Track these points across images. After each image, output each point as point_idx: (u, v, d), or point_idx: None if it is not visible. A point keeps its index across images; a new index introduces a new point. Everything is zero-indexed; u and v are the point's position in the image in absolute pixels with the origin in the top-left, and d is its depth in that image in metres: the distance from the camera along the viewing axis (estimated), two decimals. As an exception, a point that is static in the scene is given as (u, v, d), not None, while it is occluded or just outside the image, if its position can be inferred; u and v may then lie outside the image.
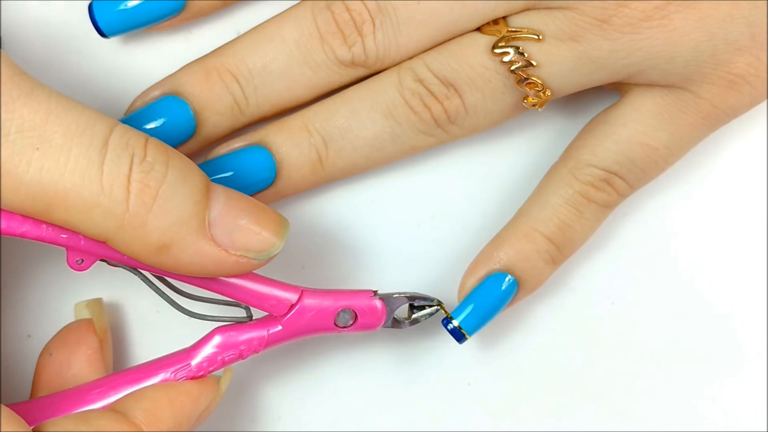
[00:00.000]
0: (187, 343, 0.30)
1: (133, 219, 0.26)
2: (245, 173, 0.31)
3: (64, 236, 0.27)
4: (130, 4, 0.31)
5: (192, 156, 0.32)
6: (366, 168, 0.32)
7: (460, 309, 0.32)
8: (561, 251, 0.32)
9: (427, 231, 0.34)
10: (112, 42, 0.34)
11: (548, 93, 0.31)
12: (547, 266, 0.32)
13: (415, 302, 0.32)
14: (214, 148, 0.32)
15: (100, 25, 0.31)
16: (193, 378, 0.29)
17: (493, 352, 0.34)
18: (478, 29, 0.31)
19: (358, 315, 0.30)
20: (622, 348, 0.35)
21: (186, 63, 0.32)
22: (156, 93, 0.32)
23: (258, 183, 0.31)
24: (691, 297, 0.35)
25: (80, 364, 0.31)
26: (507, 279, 0.32)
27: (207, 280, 0.28)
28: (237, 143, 0.32)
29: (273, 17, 0.32)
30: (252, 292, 0.29)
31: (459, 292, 0.32)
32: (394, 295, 0.31)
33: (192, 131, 0.31)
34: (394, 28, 0.30)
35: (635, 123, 0.31)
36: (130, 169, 0.26)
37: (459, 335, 0.32)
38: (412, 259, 0.34)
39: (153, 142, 0.26)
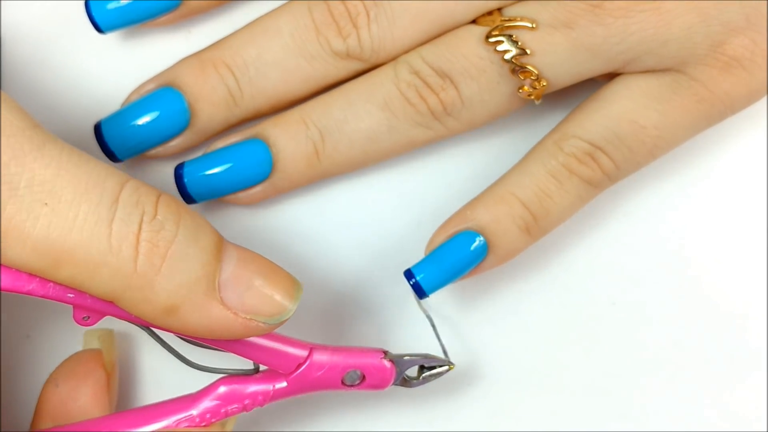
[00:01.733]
0: (193, 376, 0.29)
1: (141, 279, 0.25)
2: (242, 166, 0.31)
3: (71, 295, 0.26)
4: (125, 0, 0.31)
5: (188, 151, 0.33)
6: (363, 163, 0.32)
7: (423, 263, 0.31)
8: (537, 221, 0.31)
9: (427, 231, 0.34)
10: (112, 41, 0.34)
11: (543, 83, 0.31)
12: (520, 234, 0.31)
13: (426, 363, 0.31)
14: (211, 143, 0.32)
15: (96, 20, 0.31)
16: (194, 427, 0.29)
17: (493, 352, 0.34)
18: (474, 21, 0.31)
19: (366, 376, 0.30)
20: (622, 348, 0.35)
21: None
22: (151, 86, 0.32)
23: (254, 176, 0.31)
24: (691, 297, 0.35)
25: (85, 398, 0.30)
26: (477, 239, 0.31)
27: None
28: (234, 137, 0.32)
29: (269, 12, 0.32)
30: (260, 348, 0.29)
31: (426, 249, 0.32)
32: (405, 357, 0.30)
33: (186, 123, 0.31)
34: (389, 21, 0.31)
35: (625, 100, 0.31)
36: (140, 228, 0.25)
37: (420, 290, 0.31)
38: (412, 258, 0.33)
39: (164, 199, 0.26)
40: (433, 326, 0.32)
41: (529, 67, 0.30)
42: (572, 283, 0.35)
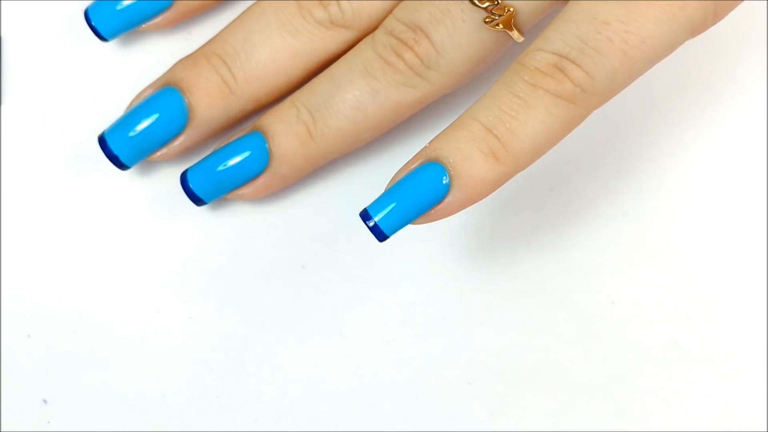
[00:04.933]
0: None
1: None
2: (241, 162, 0.32)
3: None
4: (124, 3, 0.32)
5: (196, 150, 0.33)
6: (356, 135, 0.32)
7: (379, 202, 0.29)
8: (504, 145, 0.28)
9: (427, 229, 0.34)
10: (113, 43, 0.34)
11: (508, 9, 0.29)
12: (485, 159, 0.28)
13: None
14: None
15: (97, 28, 0.32)
16: None
17: (493, 352, 0.34)
18: None
19: None
20: (622, 348, 0.35)
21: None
22: (148, 91, 0.32)
23: (254, 166, 0.32)
24: (691, 297, 0.35)
25: None
26: (436, 168, 0.28)
27: None
28: (233, 137, 0.32)
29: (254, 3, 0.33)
30: None
31: (385, 188, 0.30)
32: None
33: (185, 119, 0.32)
34: None
35: (585, 0, 0.28)
36: None
37: (379, 233, 0.29)
38: (412, 258, 0.34)
39: None
40: None
41: None
42: (572, 282, 0.35)
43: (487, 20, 0.30)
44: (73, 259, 0.34)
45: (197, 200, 0.32)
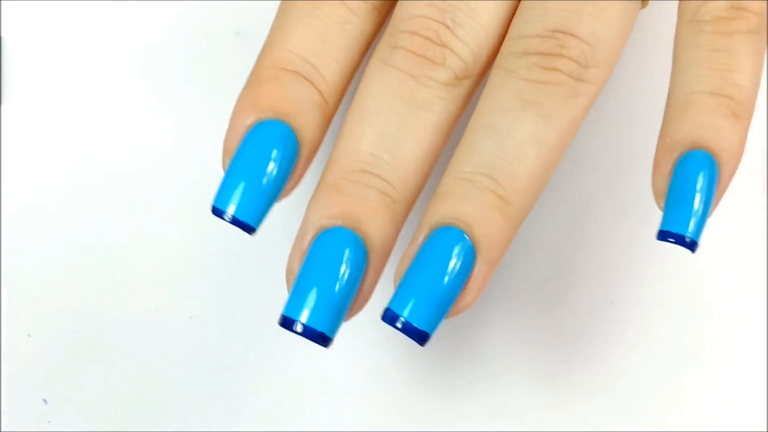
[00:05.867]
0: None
1: None
2: (452, 271, 0.26)
3: None
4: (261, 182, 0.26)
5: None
6: (546, 174, 0.27)
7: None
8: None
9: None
10: (113, 44, 0.34)
11: None
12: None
13: None
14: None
15: (246, 221, 0.26)
16: None
17: (493, 351, 0.34)
18: None
19: None
20: (622, 348, 0.35)
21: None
22: (307, 242, 0.26)
23: (464, 269, 0.26)
24: (691, 297, 0.35)
25: None
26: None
27: None
28: (416, 246, 0.26)
29: (354, 100, 0.27)
30: None
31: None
32: None
33: (365, 252, 0.26)
34: (469, 14, 0.27)
35: None
36: None
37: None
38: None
39: None
40: None
41: None
42: (572, 282, 0.35)
43: None
44: (73, 259, 0.34)
45: (424, 337, 0.26)
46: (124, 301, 0.34)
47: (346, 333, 0.34)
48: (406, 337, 0.26)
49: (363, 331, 0.34)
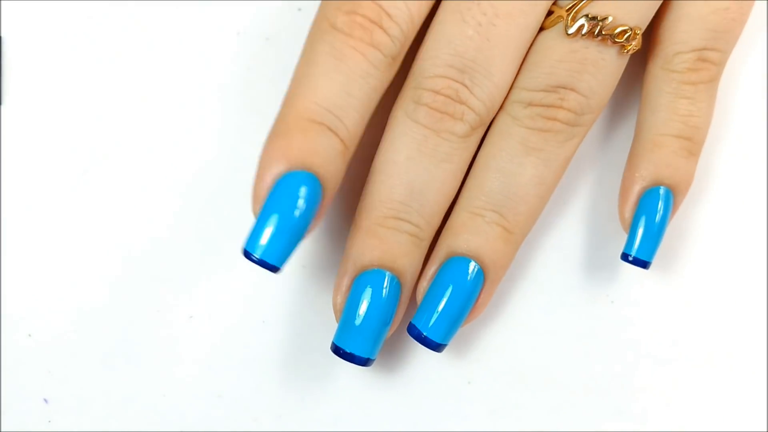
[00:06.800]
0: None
1: None
2: (468, 295, 0.32)
3: None
4: (271, 230, 0.28)
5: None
6: (542, 205, 0.32)
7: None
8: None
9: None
10: (113, 44, 0.34)
11: (638, 31, 0.31)
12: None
13: None
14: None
15: (272, 263, 0.28)
16: None
17: (493, 351, 0.34)
18: (541, 29, 0.31)
19: None
20: (622, 348, 0.35)
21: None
22: (348, 282, 0.31)
23: (475, 290, 0.32)
24: (690, 296, 0.35)
25: None
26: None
27: None
28: (434, 273, 0.32)
29: (382, 145, 0.31)
30: None
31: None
32: None
33: (398, 290, 0.31)
34: (484, 75, 0.30)
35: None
36: None
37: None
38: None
39: None
40: None
41: (619, 28, 0.30)
42: (572, 282, 0.35)
43: (625, 51, 0.31)
44: (73, 259, 0.34)
45: (441, 348, 0.32)
46: (124, 301, 0.34)
47: (346, 333, 0.34)
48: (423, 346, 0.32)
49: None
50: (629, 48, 0.31)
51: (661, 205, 0.32)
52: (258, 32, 0.35)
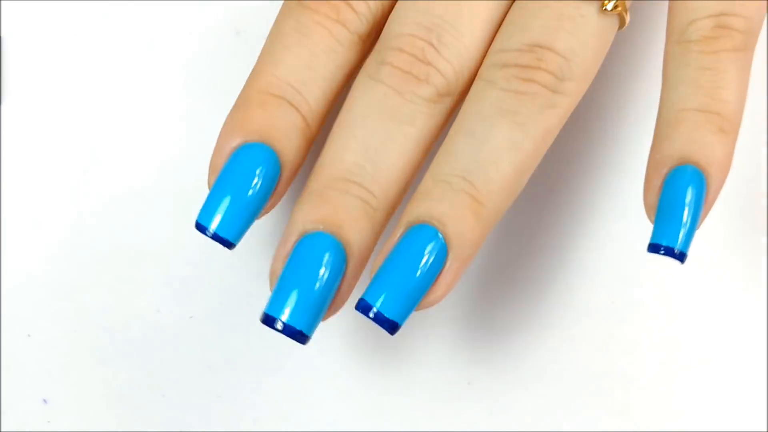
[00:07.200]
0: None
1: None
2: (424, 265, 0.27)
3: None
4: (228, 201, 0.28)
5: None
6: (520, 180, 0.29)
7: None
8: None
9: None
10: (113, 44, 0.34)
11: None
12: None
13: None
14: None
15: (226, 237, 0.28)
16: None
17: (493, 351, 0.34)
18: None
19: None
20: (622, 348, 0.35)
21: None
22: (289, 247, 0.28)
23: (436, 264, 0.27)
24: (691, 297, 0.35)
25: None
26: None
27: None
28: (393, 242, 0.28)
29: (341, 113, 0.29)
30: None
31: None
32: None
33: (344, 257, 0.28)
34: (453, 34, 0.28)
35: None
36: None
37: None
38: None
39: None
40: None
41: None
42: (572, 282, 0.35)
43: (605, 8, 0.28)
44: (73, 259, 0.34)
45: (394, 327, 0.27)
46: (124, 301, 0.34)
47: (345, 333, 0.34)
48: (378, 326, 0.27)
49: (363, 332, 0.34)
50: (607, 5, 0.28)
51: (690, 185, 0.28)
52: (258, 32, 0.35)
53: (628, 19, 0.29)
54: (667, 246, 0.28)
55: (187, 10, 0.34)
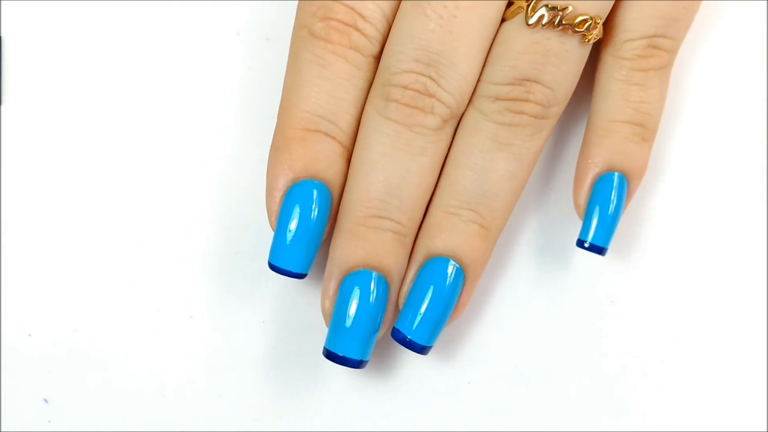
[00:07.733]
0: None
1: None
2: (451, 294, 0.32)
3: None
4: (292, 236, 0.31)
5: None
6: (516, 198, 0.32)
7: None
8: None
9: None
10: (112, 44, 0.34)
11: (598, 20, 0.31)
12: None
13: None
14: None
15: (294, 271, 0.31)
16: None
17: (493, 351, 0.34)
18: (503, 20, 0.31)
19: None
20: (622, 348, 0.35)
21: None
22: (334, 286, 0.31)
23: (457, 289, 0.31)
24: (691, 296, 0.35)
25: None
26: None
27: None
28: (413, 276, 0.32)
29: (357, 149, 0.31)
30: None
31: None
32: None
33: (386, 290, 0.31)
34: (450, 67, 0.30)
35: None
36: None
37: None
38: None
39: None
40: None
41: (580, 17, 0.30)
42: (572, 282, 0.35)
43: (587, 40, 0.31)
44: (74, 259, 0.34)
45: (425, 350, 0.32)
46: (124, 301, 0.34)
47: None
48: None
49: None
50: (590, 37, 0.31)
51: (614, 191, 0.32)
52: (258, 32, 0.35)
53: (600, 35, 0.32)
54: (593, 244, 0.32)
55: (188, 11, 0.34)
